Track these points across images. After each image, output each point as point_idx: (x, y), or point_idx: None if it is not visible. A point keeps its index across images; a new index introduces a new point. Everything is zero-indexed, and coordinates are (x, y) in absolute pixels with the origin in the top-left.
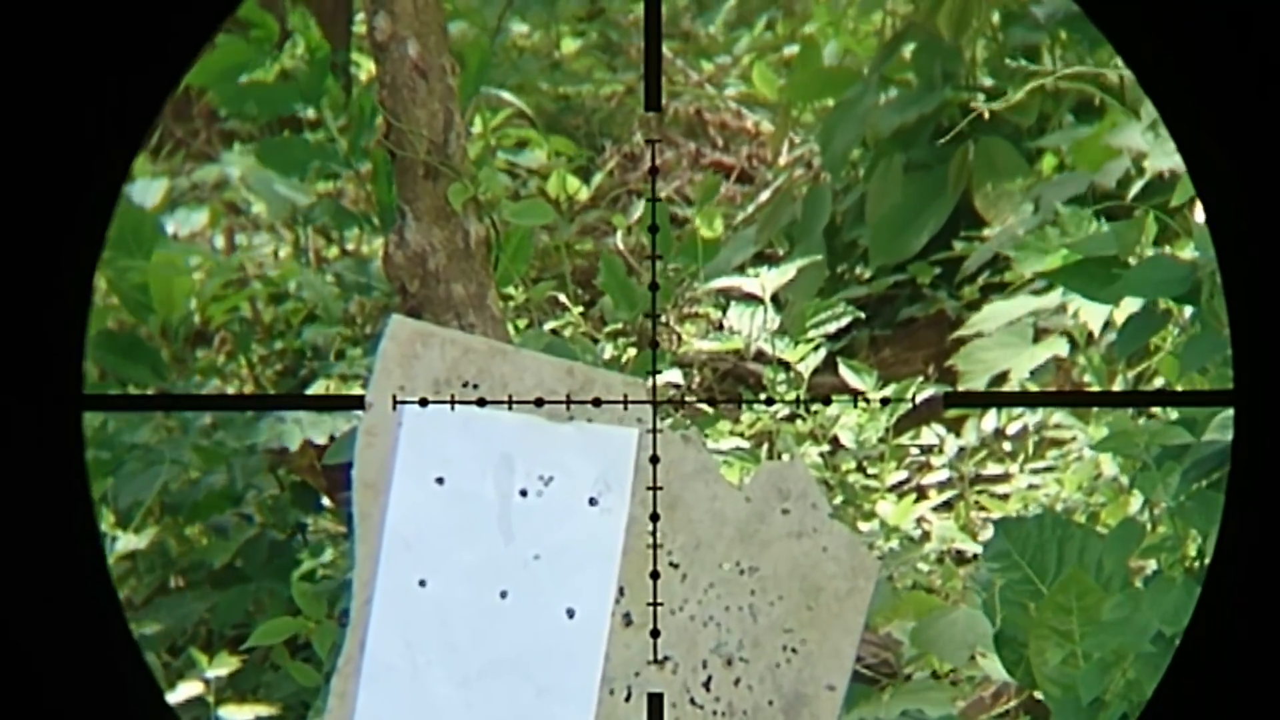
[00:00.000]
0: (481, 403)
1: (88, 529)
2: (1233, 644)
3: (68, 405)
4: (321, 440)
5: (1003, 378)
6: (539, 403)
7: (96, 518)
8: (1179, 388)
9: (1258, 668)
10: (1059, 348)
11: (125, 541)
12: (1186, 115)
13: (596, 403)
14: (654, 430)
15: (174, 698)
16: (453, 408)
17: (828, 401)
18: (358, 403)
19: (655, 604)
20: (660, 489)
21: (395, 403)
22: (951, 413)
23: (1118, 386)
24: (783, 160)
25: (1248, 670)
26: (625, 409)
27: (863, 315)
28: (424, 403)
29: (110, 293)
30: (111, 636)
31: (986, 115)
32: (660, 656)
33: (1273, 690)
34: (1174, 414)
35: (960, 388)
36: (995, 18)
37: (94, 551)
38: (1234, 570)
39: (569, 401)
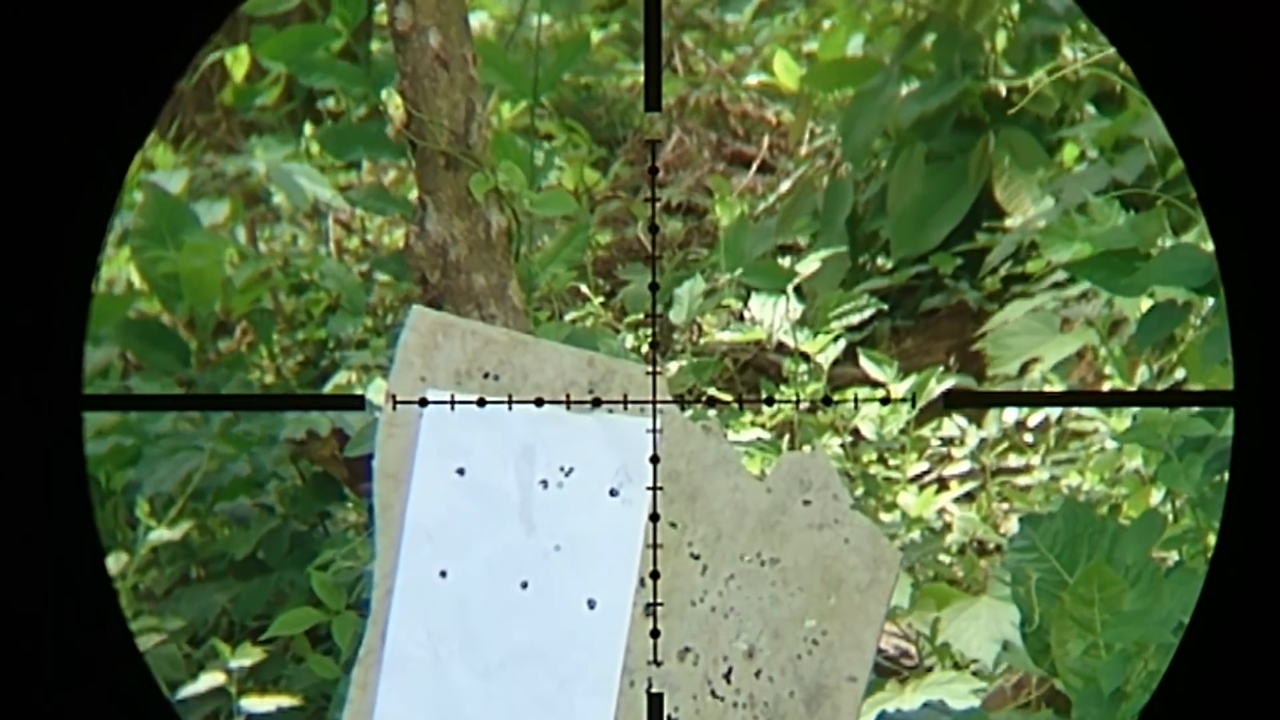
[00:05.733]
0: (481, 403)
1: (88, 529)
2: (1232, 650)
3: (68, 405)
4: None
5: (1032, 364)
6: (539, 402)
7: (96, 517)
8: (1198, 381)
9: (1257, 675)
10: (1088, 338)
11: (158, 534)
12: (1186, 115)
13: (596, 403)
14: (654, 430)
15: (195, 688)
16: (453, 408)
17: (829, 402)
18: (358, 403)
19: (655, 604)
20: (660, 489)
21: (395, 404)
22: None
23: (1140, 377)
24: (804, 151)
25: (1247, 676)
26: (625, 408)
27: (884, 306)
28: (423, 403)
29: (141, 281)
30: (111, 636)
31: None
32: (681, 648)
33: (1272, 691)
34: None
35: (990, 373)
36: (1015, 9)
37: (94, 552)
38: (1234, 572)
39: (569, 401)
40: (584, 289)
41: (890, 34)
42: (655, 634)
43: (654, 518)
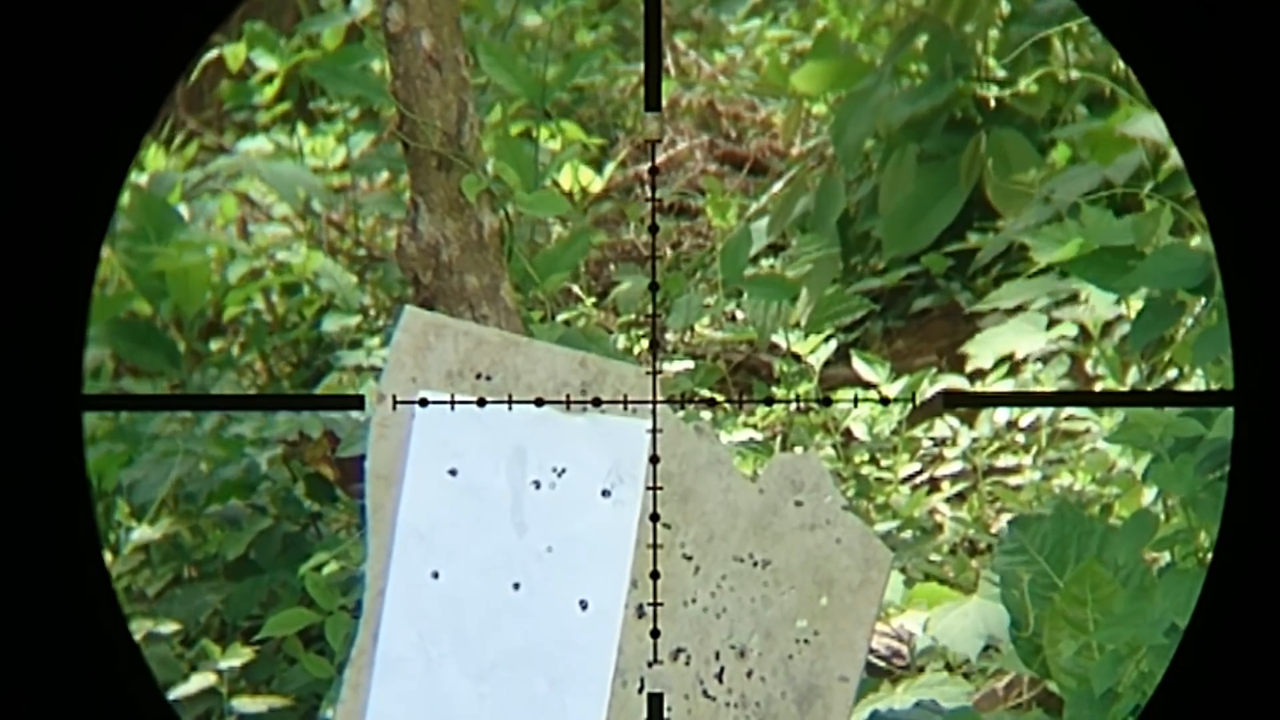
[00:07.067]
0: (481, 403)
1: (88, 529)
2: (1232, 650)
3: (68, 405)
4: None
5: (1011, 359)
6: (539, 402)
7: (96, 517)
8: (1193, 378)
9: (1256, 676)
10: (1069, 333)
11: (141, 533)
12: (1186, 115)
13: (596, 403)
14: (654, 430)
15: (187, 689)
16: (453, 408)
17: (827, 402)
18: (357, 402)
19: (655, 604)
20: (660, 489)
21: (395, 404)
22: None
23: (1131, 378)
24: (795, 151)
25: (1246, 676)
26: (625, 408)
27: (876, 307)
28: (424, 403)
29: (128, 281)
30: (111, 636)
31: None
32: (673, 649)
33: (1271, 693)
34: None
35: (969, 369)
36: (1005, 8)
37: (94, 551)
38: (1234, 572)
39: (569, 401)
40: (576, 289)
41: (882, 35)
42: (656, 634)
43: (654, 518)
